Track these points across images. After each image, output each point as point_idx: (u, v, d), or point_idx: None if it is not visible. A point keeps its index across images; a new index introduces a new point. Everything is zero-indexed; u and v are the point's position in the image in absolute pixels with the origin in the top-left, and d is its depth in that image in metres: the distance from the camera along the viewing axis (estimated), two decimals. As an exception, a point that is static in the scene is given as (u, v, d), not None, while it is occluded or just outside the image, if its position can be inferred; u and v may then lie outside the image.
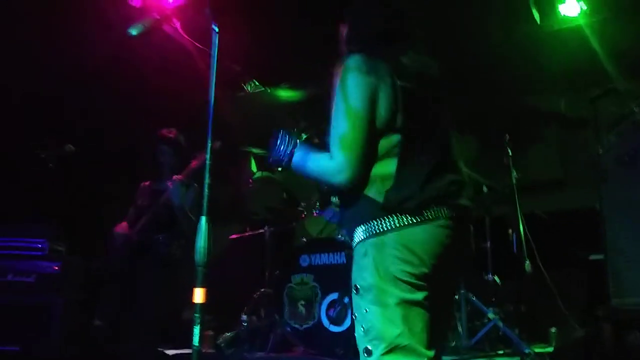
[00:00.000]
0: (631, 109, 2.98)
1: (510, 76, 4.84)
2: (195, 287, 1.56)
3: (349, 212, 1.79)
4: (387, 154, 1.72)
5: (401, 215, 1.66)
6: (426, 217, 1.66)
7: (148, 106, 4.94)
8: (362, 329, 1.68)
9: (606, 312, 2.99)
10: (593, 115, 3.83)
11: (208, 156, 1.68)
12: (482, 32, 4.57)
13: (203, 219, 1.60)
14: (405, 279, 1.64)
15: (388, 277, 1.65)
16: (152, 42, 3.91)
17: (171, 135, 3.96)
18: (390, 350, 1.62)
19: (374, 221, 1.68)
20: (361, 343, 1.69)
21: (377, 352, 1.64)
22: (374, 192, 1.71)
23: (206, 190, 1.62)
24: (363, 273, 1.69)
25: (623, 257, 2.96)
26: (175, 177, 3.66)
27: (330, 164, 1.71)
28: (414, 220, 1.66)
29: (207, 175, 1.62)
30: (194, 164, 3.70)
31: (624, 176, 2.92)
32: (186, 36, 3.01)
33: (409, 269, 1.65)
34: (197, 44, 2.91)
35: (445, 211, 1.69)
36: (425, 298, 1.66)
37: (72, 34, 4.27)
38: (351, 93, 1.70)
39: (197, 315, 1.54)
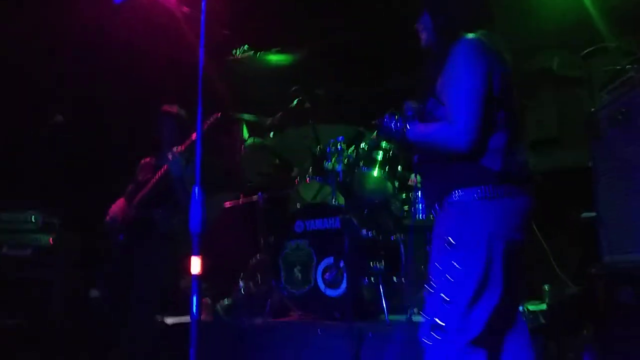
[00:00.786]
0: (624, 67, 2.95)
1: (501, 35, 4.78)
2: (192, 256, 1.55)
3: (452, 173, 1.96)
4: (496, 128, 1.94)
5: (509, 184, 1.90)
6: (526, 190, 1.94)
7: (137, 75, 4.87)
8: (445, 279, 1.86)
9: (598, 270, 3.02)
10: (586, 74, 3.80)
11: (199, 125, 1.65)
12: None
13: (196, 188, 1.58)
14: (502, 244, 1.87)
15: (487, 240, 1.86)
16: (138, 8, 3.83)
17: (173, 111, 3.91)
18: (472, 303, 1.83)
19: (483, 186, 1.88)
20: (439, 291, 1.86)
21: (457, 303, 1.83)
22: (488, 160, 1.91)
23: (198, 161, 1.60)
24: (462, 231, 1.88)
25: (614, 214, 2.98)
26: (175, 148, 3.62)
27: (451, 130, 1.90)
28: (519, 191, 1.92)
29: (198, 146, 1.59)
30: (192, 139, 3.64)
31: (617, 134, 2.91)
32: (174, 1, 2.94)
33: (507, 234, 1.90)
34: (185, 8, 2.85)
35: (530, 185, 1.98)
36: (509, 262, 1.89)
37: (57, 2, 4.18)
38: (471, 70, 1.92)
39: (194, 283, 1.54)
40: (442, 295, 1.85)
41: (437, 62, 2.03)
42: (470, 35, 1.99)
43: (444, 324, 1.83)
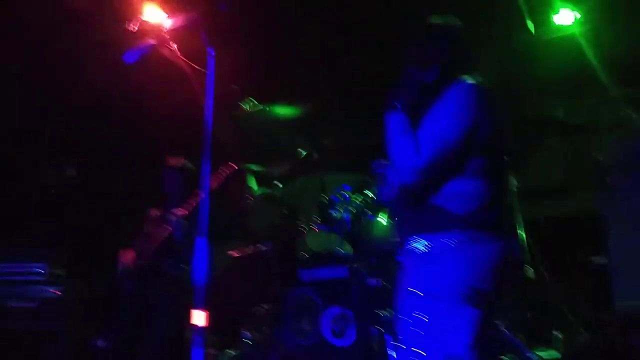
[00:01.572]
0: (629, 115, 2.99)
1: (507, 85, 4.86)
2: (195, 309, 1.55)
3: (424, 218, 1.90)
4: (474, 174, 1.88)
5: (478, 230, 1.82)
6: (500, 238, 1.84)
7: (145, 129, 4.96)
8: (414, 332, 1.78)
9: (611, 316, 2.98)
10: (592, 122, 3.84)
11: (207, 179, 1.68)
12: (478, 42, 4.59)
13: (200, 240, 1.60)
14: (473, 295, 1.77)
15: (457, 290, 1.77)
16: (148, 66, 3.94)
17: (179, 164, 3.96)
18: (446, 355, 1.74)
19: (450, 232, 1.81)
20: (409, 344, 1.79)
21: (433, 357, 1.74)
22: (458, 205, 1.85)
23: (206, 212, 1.62)
24: (432, 281, 1.80)
25: (626, 261, 2.96)
26: (177, 211, 3.64)
27: (411, 158, 1.85)
28: (490, 238, 1.83)
29: (206, 198, 1.61)
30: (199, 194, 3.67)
31: (625, 182, 2.92)
32: (183, 58, 3.03)
33: (478, 285, 1.78)
34: (194, 65, 2.93)
35: (504, 233, 1.88)
36: (479, 313, 1.79)
37: (68, 59, 4.30)
38: (457, 117, 1.87)
39: (198, 337, 1.53)
40: (415, 350, 1.77)
41: (425, 99, 1.97)
42: (470, 79, 1.96)
43: None
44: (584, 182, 4.35)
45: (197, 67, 2.75)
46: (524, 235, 4.13)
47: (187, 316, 3.40)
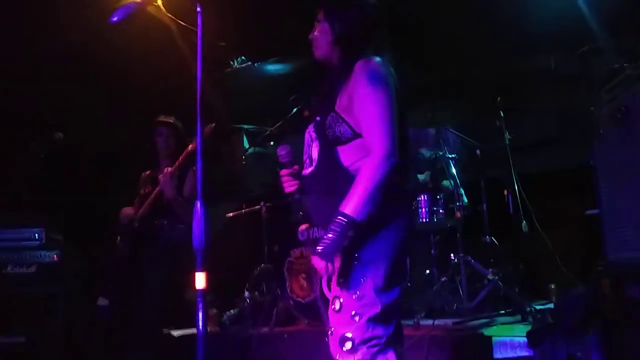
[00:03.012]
0: (621, 65, 2.96)
1: (498, 39, 4.80)
2: (196, 271, 1.55)
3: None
4: (400, 147, 1.94)
5: (408, 206, 2.05)
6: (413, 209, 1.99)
7: (132, 90, 4.88)
8: (355, 294, 1.90)
9: (604, 267, 3.02)
10: (584, 73, 3.81)
11: (199, 139, 1.65)
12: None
13: (198, 203, 1.58)
14: (400, 260, 1.97)
15: (390, 255, 1.93)
16: (134, 24, 3.84)
17: (168, 121, 3.92)
18: (377, 318, 1.89)
19: (388, 207, 1.90)
20: (349, 306, 1.90)
21: (366, 316, 1.89)
22: (397, 180, 1.93)
23: (199, 174, 1.60)
24: (369, 247, 1.92)
25: (618, 212, 2.97)
26: (165, 169, 3.62)
27: (374, 163, 1.86)
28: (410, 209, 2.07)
29: (199, 160, 1.59)
30: (188, 150, 3.64)
31: (616, 132, 2.91)
32: (170, 15, 2.95)
33: (402, 253, 1.98)
34: (181, 22, 2.85)
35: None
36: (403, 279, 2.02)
37: (51, 20, 4.19)
38: (384, 93, 1.93)
39: (199, 300, 1.54)
40: (351, 311, 1.90)
41: (338, 77, 2.02)
42: (378, 58, 1.99)
43: (354, 337, 1.89)
44: (576, 134, 4.35)
45: (183, 23, 2.68)
46: (517, 189, 4.15)
47: (184, 277, 3.46)
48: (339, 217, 1.86)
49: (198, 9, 1.72)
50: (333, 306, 1.95)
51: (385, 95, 1.93)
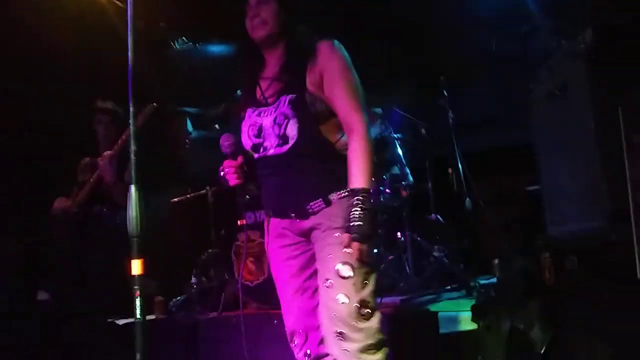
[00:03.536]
0: (558, 43, 3.03)
1: (439, 17, 4.84)
2: (132, 258, 1.50)
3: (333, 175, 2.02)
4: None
5: None
6: None
7: (69, 73, 4.67)
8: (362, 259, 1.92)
9: (544, 241, 3.12)
10: (523, 52, 3.89)
11: (132, 121, 1.58)
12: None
13: (132, 187, 1.52)
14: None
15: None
16: (65, 4, 3.67)
17: (107, 107, 3.77)
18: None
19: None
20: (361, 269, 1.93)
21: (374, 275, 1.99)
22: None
23: (133, 157, 1.53)
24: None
25: (556, 187, 3.07)
26: (105, 152, 3.49)
27: (360, 138, 1.96)
28: None
29: (132, 143, 1.53)
30: (127, 134, 3.53)
31: (555, 109, 2.99)
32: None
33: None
34: (116, 1, 2.74)
35: None
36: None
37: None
38: (352, 71, 2.04)
39: (136, 287, 1.48)
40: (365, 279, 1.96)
41: (296, 57, 2.06)
42: (336, 41, 2.07)
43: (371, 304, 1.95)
44: (516, 112, 4.46)
45: (118, 3, 2.57)
46: (461, 167, 4.23)
47: (128, 264, 3.38)
48: (361, 194, 1.89)
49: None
50: (341, 274, 1.93)
51: (356, 77, 2.04)
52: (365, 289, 1.93)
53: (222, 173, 2.16)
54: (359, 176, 1.91)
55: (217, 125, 5.20)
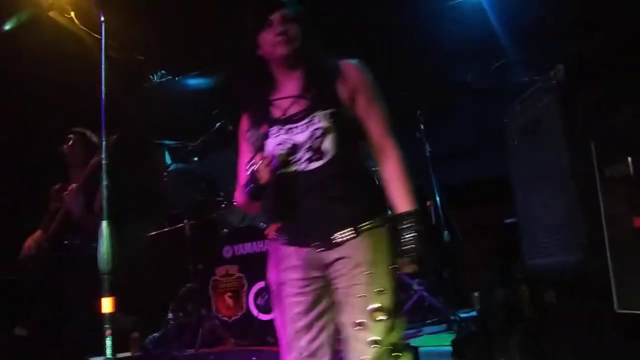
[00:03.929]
0: (531, 78, 3.09)
1: (417, 51, 4.92)
2: (102, 296, 1.46)
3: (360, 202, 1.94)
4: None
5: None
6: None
7: (45, 102, 4.64)
8: (393, 300, 1.87)
9: (522, 274, 3.12)
10: (498, 86, 3.96)
11: (104, 155, 1.56)
12: (385, 10, 4.62)
13: (104, 223, 1.49)
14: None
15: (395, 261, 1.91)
16: (46, 35, 3.65)
17: (80, 134, 3.73)
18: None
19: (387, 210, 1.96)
20: (394, 311, 1.86)
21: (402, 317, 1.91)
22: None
23: (105, 191, 1.50)
24: (391, 252, 1.90)
25: (532, 220, 3.09)
26: (70, 186, 3.43)
27: (397, 157, 1.98)
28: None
29: (104, 176, 1.50)
30: (92, 164, 3.47)
31: (529, 143, 3.03)
32: (81, 26, 2.82)
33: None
34: (93, 34, 2.72)
35: None
36: None
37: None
38: (379, 92, 2.04)
39: (107, 325, 1.44)
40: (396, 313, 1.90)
41: (321, 76, 2.01)
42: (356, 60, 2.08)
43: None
44: (491, 145, 4.52)
45: (96, 35, 2.56)
46: (438, 199, 4.24)
47: (91, 297, 3.29)
48: (408, 218, 1.90)
49: (102, 18, 1.63)
50: (377, 317, 1.85)
51: (380, 94, 2.04)
52: (396, 332, 1.86)
53: (252, 168, 1.89)
54: (405, 198, 1.92)
55: (195, 158, 5.17)
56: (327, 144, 1.91)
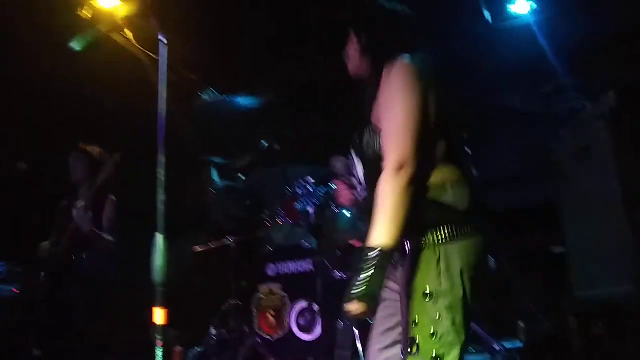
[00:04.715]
0: (581, 104, 3.05)
1: (463, 75, 4.90)
2: (155, 307, 1.50)
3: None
4: (445, 159, 1.72)
5: (475, 221, 1.68)
6: (486, 225, 1.73)
7: (101, 122, 4.81)
8: (431, 336, 1.60)
9: (570, 305, 3.04)
10: (547, 111, 3.91)
11: (163, 172, 1.62)
12: (433, 32, 4.62)
13: (159, 236, 1.54)
14: (473, 285, 1.65)
15: (461, 283, 1.63)
16: (103, 54, 3.81)
17: (85, 150, 3.82)
18: (459, 354, 1.60)
19: (451, 226, 1.66)
20: (428, 347, 1.60)
21: (451, 356, 1.60)
22: (449, 197, 1.68)
23: (161, 206, 1.56)
24: (439, 278, 1.63)
25: (583, 249, 3.02)
26: (78, 202, 3.52)
27: (388, 177, 1.63)
28: (483, 227, 1.70)
29: (161, 191, 1.56)
30: (100, 181, 3.55)
31: (579, 170, 2.97)
32: (138, 46, 2.93)
33: (475, 275, 1.66)
34: (150, 53, 2.82)
35: (487, 220, 1.76)
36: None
37: (15, 45, 4.13)
38: (405, 97, 1.69)
39: (158, 336, 1.48)
40: (433, 354, 1.60)
41: (370, 87, 1.82)
42: (407, 57, 1.76)
43: None
44: (538, 170, 4.44)
45: (153, 55, 2.66)
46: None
47: (109, 311, 3.31)
48: (367, 253, 1.60)
49: (160, 38, 1.71)
50: (409, 349, 1.63)
51: (403, 99, 1.69)
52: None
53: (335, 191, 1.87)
54: (375, 230, 1.61)
55: (241, 176, 5.27)
56: (359, 173, 1.86)
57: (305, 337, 3.72)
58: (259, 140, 4.65)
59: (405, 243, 1.66)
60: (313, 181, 4.38)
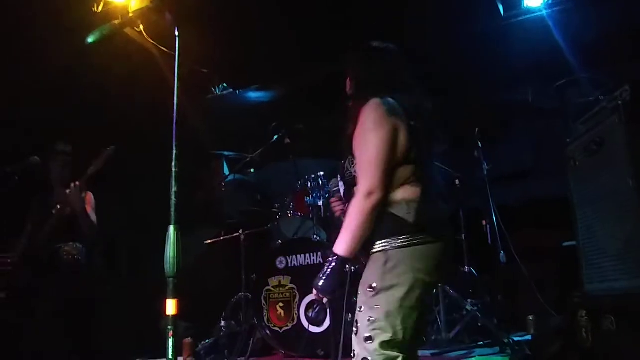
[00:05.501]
0: (596, 98, 3.02)
1: (476, 69, 4.88)
2: (167, 298, 1.52)
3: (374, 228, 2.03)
4: (408, 181, 2.04)
5: (424, 232, 1.98)
6: (440, 236, 2.02)
7: (113, 116, 4.84)
8: (367, 320, 1.95)
9: (581, 299, 3.02)
10: (560, 105, 3.88)
11: (174, 164, 1.63)
12: (447, 27, 4.60)
13: (171, 227, 1.55)
14: (418, 285, 1.96)
15: (405, 282, 1.95)
16: (114, 48, 3.83)
17: (66, 149, 3.94)
18: (389, 341, 1.92)
19: (402, 236, 1.97)
20: (362, 331, 1.96)
21: (378, 340, 1.92)
22: (403, 212, 1.99)
23: (173, 198, 1.57)
24: (384, 276, 1.97)
25: (594, 243, 2.99)
26: (74, 183, 3.63)
27: (359, 200, 1.98)
28: (433, 238, 2.00)
29: (173, 183, 1.57)
30: (90, 170, 3.67)
31: (591, 164, 2.95)
32: (151, 40, 2.95)
33: (423, 277, 1.97)
34: (162, 47, 2.84)
35: (444, 232, 2.07)
36: (422, 301, 2.00)
37: (30, 40, 4.16)
38: (375, 133, 2.02)
39: (170, 327, 1.50)
40: (365, 334, 1.95)
41: (351, 121, 2.14)
42: (377, 98, 2.08)
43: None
44: (552, 165, 4.42)
45: (164, 49, 2.68)
46: (495, 219, 4.17)
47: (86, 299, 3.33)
48: (329, 257, 2.05)
49: (176, 33, 1.72)
50: (354, 330, 2.01)
51: (374, 135, 2.02)
52: (366, 348, 1.95)
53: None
54: (338, 240, 2.03)
55: (252, 170, 5.29)
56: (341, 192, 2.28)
57: (314, 329, 3.74)
58: (270, 134, 4.66)
59: (365, 249, 2.04)
60: (324, 174, 4.39)
